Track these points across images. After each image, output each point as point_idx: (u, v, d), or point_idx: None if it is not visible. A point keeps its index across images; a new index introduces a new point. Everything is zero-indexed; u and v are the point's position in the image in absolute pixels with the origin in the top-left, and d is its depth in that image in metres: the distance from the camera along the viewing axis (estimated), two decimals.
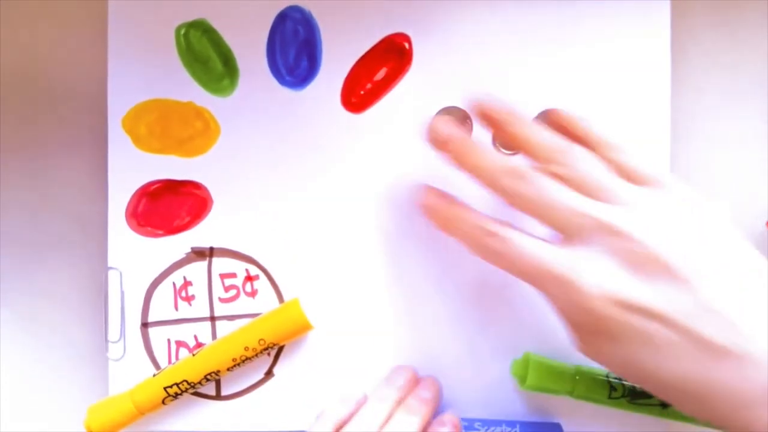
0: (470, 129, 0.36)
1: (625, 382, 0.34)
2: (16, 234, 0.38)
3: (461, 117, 0.36)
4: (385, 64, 0.36)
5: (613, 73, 0.36)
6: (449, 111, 0.36)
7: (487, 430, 0.35)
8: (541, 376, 0.34)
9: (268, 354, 0.36)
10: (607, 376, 0.34)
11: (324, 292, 0.37)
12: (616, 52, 0.36)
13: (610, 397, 0.34)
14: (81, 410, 0.38)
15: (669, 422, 0.35)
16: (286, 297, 0.37)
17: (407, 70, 0.36)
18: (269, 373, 0.37)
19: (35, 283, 0.38)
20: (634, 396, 0.34)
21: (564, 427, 0.35)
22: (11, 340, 0.38)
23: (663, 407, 0.34)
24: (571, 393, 0.34)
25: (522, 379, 0.35)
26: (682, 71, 0.37)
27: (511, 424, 0.35)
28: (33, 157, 0.38)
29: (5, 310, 0.38)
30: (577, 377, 0.34)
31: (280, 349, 0.37)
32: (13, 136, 0.38)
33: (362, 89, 0.36)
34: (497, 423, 0.35)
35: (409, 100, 0.36)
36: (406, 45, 0.36)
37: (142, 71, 0.36)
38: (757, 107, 0.37)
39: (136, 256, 0.37)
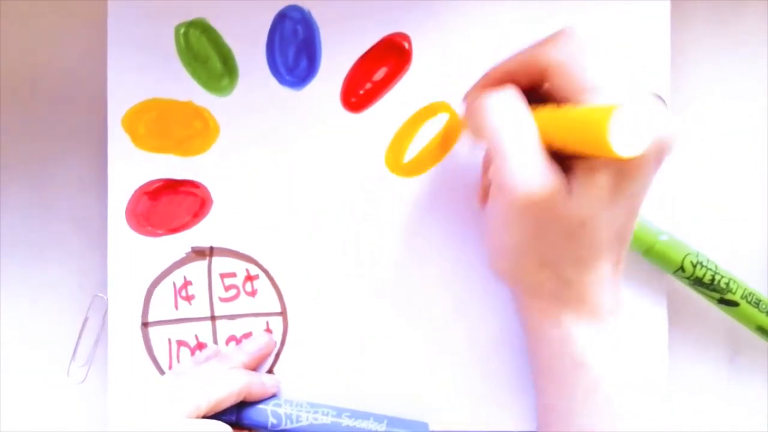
0: None
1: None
2: (16, 234, 0.38)
3: None
4: (384, 63, 0.36)
5: None
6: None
7: None
8: None
9: None
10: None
11: (324, 292, 0.37)
12: (617, 51, 0.36)
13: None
14: (81, 410, 0.38)
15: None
16: (286, 297, 0.37)
17: (407, 70, 0.36)
18: (269, 373, 0.37)
19: (35, 283, 0.38)
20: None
21: None
22: (11, 340, 0.38)
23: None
24: (648, 251, 0.35)
25: None
26: (682, 71, 0.37)
27: None
28: (33, 157, 0.38)
29: (5, 309, 0.38)
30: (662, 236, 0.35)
31: (280, 349, 0.37)
32: (13, 135, 0.38)
33: (362, 89, 0.36)
34: None
35: (409, 100, 0.36)
36: (406, 45, 0.36)
37: (141, 71, 0.36)
38: (757, 107, 0.37)
39: (135, 255, 0.37)
